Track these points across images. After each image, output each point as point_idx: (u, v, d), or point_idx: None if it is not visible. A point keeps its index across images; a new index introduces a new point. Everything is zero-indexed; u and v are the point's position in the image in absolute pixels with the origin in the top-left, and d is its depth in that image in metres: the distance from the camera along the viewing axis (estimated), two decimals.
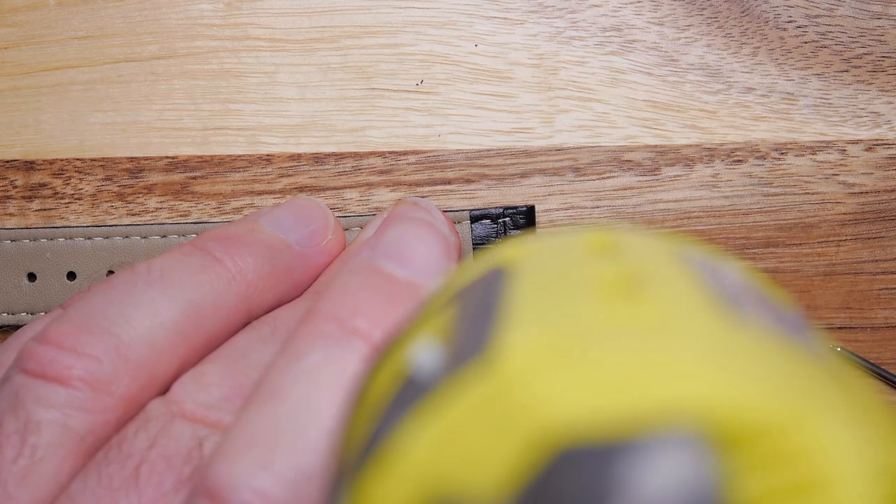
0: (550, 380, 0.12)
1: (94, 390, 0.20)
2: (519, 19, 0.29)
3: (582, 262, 0.15)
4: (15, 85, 0.30)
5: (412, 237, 0.23)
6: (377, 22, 0.29)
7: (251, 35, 0.29)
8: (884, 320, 0.29)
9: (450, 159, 0.29)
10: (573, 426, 0.11)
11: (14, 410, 0.20)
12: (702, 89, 0.29)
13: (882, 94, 0.29)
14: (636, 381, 0.11)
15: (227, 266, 0.23)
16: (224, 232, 0.24)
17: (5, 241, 0.28)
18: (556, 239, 0.16)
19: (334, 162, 0.29)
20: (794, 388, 0.12)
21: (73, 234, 0.28)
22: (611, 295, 0.13)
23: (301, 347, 0.20)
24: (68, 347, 0.20)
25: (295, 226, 0.25)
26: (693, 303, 0.13)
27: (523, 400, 0.12)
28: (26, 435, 0.19)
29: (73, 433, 0.20)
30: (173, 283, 0.22)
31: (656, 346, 0.12)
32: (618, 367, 0.12)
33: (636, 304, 0.13)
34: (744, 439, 0.11)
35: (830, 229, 0.29)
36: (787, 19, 0.29)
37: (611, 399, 0.11)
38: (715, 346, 0.12)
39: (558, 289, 0.14)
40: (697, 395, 0.11)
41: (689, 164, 0.29)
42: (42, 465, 0.19)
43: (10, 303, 0.28)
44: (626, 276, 0.14)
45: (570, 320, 0.13)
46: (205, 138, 0.29)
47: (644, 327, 0.12)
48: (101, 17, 0.30)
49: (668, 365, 0.12)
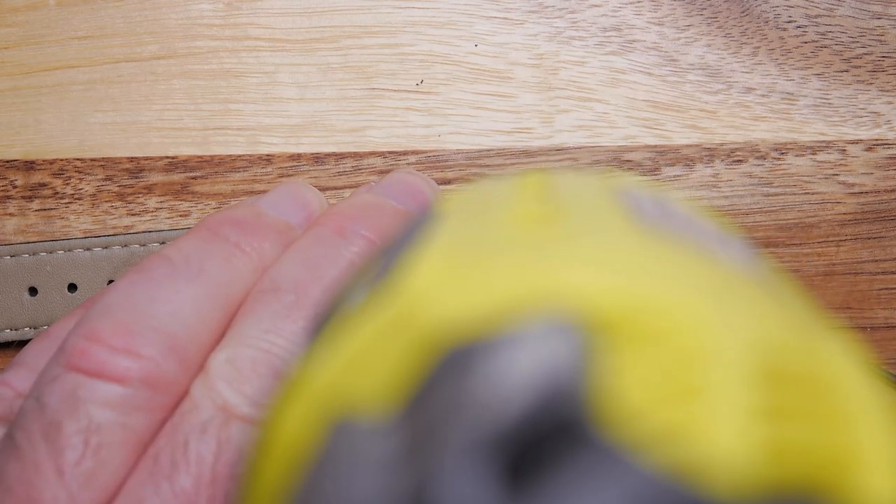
0: (443, 288, 0.12)
1: (154, 390, 0.20)
2: (519, 19, 0.29)
3: (510, 201, 0.15)
4: (15, 85, 0.30)
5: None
6: (377, 22, 0.29)
7: (251, 35, 0.29)
8: (884, 320, 0.29)
9: (450, 159, 0.29)
10: (453, 327, 0.11)
11: (74, 411, 0.19)
12: (702, 89, 0.29)
13: (882, 94, 0.29)
14: (517, 279, 0.12)
15: (249, 254, 0.23)
16: (233, 216, 0.24)
17: (5, 256, 0.28)
18: (490, 182, 0.16)
19: (334, 162, 0.29)
20: (674, 279, 0.12)
21: (73, 245, 0.28)
22: (527, 219, 0.14)
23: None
24: (122, 348, 0.20)
25: (293, 209, 0.25)
26: (605, 221, 0.13)
27: (418, 312, 0.12)
28: (89, 436, 0.19)
29: (133, 433, 0.19)
30: (210, 277, 0.22)
31: (548, 251, 0.12)
32: (504, 269, 0.12)
33: (549, 226, 0.13)
34: (617, 322, 0.11)
35: (830, 229, 0.29)
36: (787, 19, 0.29)
37: (490, 297, 0.11)
38: (606, 247, 0.12)
39: (478, 223, 0.14)
40: (572, 285, 0.11)
41: (689, 164, 0.29)
42: (104, 467, 0.19)
43: (13, 318, 0.28)
44: (549, 211, 0.14)
45: (478, 238, 0.13)
46: (205, 138, 0.29)
47: (546, 239, 0.13)
48: (101, 17, 0.30)
49: (552, 264, 0.12)
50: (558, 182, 0.16)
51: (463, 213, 0.15)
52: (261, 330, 0.21)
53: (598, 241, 0.12)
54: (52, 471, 0.19)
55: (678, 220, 0.14)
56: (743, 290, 0.12)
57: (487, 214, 0.14)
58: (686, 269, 0.12)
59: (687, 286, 0.12)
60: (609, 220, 0.13)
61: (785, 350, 0.11)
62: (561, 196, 0.15)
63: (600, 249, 0.12)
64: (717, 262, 0.13)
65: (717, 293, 0.12)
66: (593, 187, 0.15)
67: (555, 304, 0.11)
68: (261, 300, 0.22)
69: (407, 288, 0.12)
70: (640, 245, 0.12)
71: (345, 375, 0.12)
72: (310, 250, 0.23)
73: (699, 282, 0.12)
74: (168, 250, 0.22)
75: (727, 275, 0.12)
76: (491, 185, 0.16)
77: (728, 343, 0.11)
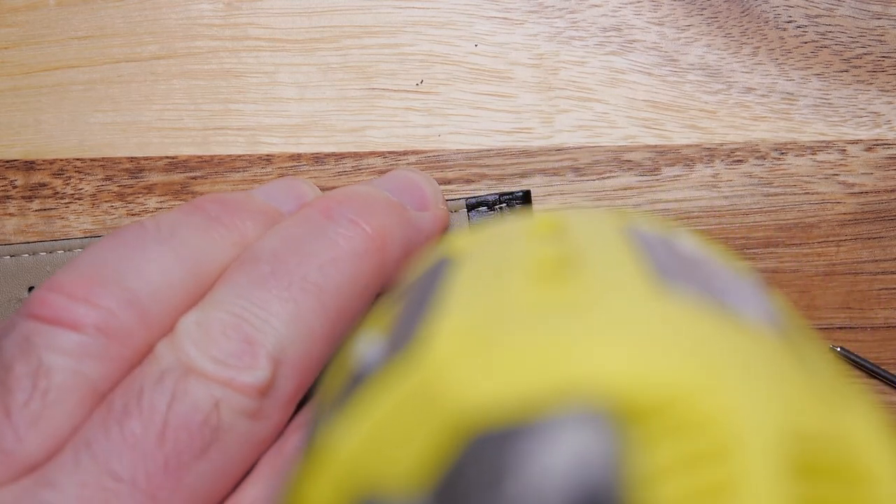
0: (466, 367, 0.12)
1: (108, 338, 0.20)
2: (519, 19, 0.29)
3: (523, 246, 0.15)
4: (15, 85, 0.30)
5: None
6: (377, 22, 0.29)
7: (251, 35, 0.29)
8: (884, 320, 0.29)
9: (450, 159, 0.29)
10: (482, 412, 0.11)
11: (25, 354, 0.19)
12: (702, 89, 0.29)
13: (882, 94, 0.29)
14: (546, 362, 0.11)
15: (229, 227, 0.23)
16: (221, 196, 0.24)
17: (5, 256, 0.28)
18: (503, 226, 0.16)
19: (334, 162, 0.29)
20: (702, 357, 0.11)
21: (73, 245, 0.28)
22: (542, 277, 0.13)
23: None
24: (81, 298, 0.20)
25: (287, 198, 0.25)
26: (621, 279, 0.13)
27: (441, 389, 0.12)
28: (38, 379, 0.19)
29: (86, 379, 0.20)
30: (182, 241, 0.22)
31: (571, 326, 0.12)
32: (530, 349, 0.12)
33: (564, 285, 0.13)
34: (648, 412, 0.11)
35: (830, 229, 0.29)
36: (787, 19, 0.29)
37: (520, 381, 0.11)
38: (629, 321, 0.12)
39: (494, 274, 0.14)
40: (603, 372, 0.11)
41: (689, 164, 0.29)
42: (53, 410, 0.19)
43: None
44: (563, 257, 0.14)
45: (496, 305, 0.13)
46: (205, 138, 0.29)
47: (565, 307, 0.12)
48: (101, 17, 0.30)
49: (578, 344, 0.12)
50: (570, 222, 0.16)
51: (477, 260, 0.15)
52: (234, 295, 0.21)
53: (620, 312, 0.12)
54: (0, 410, 0.19)
55: (689, 266, 0.14)
56: (768, 357, 0.12)
57: (502, 262, 0.14)
58: (711, 340, 0.12)
59: (714, 365, 0.11)
60: (625, 275, 0.13)
61: (816, 437, 0.11)
62: (574, 240, 0.15)
63: (623, 324, 0.12)
64: (739, 321, 0.13)
65: (744, 367, 0.11)
66: (605, 228, 0.15)
67: (585, 392, 0.11)
68: (238, 269, 0.22)
69: (427, 358, 0.12)
70: (662, 313, 0.12)
71: (368, 449, 0.12)
72: (294, 228, 0.23)
73: (725, 356, 0.12)
74: (145, 219, 0.23)
75: (751, 338, 0.12)
76: (505, 226, 0.16)
77: (759, 433, 0.11)
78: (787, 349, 0.13)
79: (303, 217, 0.23)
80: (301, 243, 0.22)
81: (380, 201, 0.24)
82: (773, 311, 0.14)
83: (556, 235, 0.15)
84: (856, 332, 0.29)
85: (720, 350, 0.12)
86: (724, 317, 0.13)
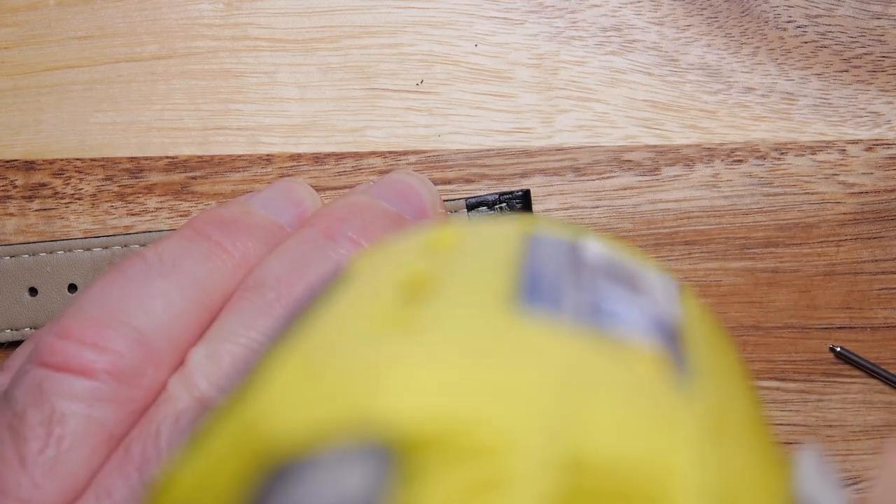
0: (291, 396, 0.12)
1: (120, 382, 0.20)
2: (519, 19, 0.29)
3: (405, 263, 0.15)
4: (15, 85, 0.30)
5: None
6: (377, 22, 0.29)
7: (251, 35, 0.29)
8: (884, 320, 0.29)
9: (450, 159, 0.29)
10: (281, 443, 0.11)
11: (38, 402, 0.20)
12: (702, 89, 0.29)
13: (882, 94, 0.29)
14: (349, 393, 0.11)
15: (231, 252, 0.23)
16: (220, 215, 0.24)
17: (5, 257, 0.28)
18: (400, 242, 0.16)
19: (334, 162, 0.29)
20: (499, 385, 0.11)
21: (72, 246, 0.28)
22: (405, 298, 0.13)
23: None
24: (90, 342, 0.20)
25: (284, 207, 0.25)
26: (473, 302, 0.13)
27: (260, 419, 0.12)
28: (52, 426, 0.19)
29: (101, 424, 0.20)
30: (185, 273, 0.22)
31: (393, 353, 0.12)
32: (344, 378, 0.11)
33: (417, 307, 0.13)
34: (427, 444, 0.11)
35: (830, 229, 0.29)
36: (787, 19, 0.29)
37: (318, 413, 0.11)
38: (448, 348, 0.12)
39: (372, 293, 0.14)
40: (391, 404, 0.11)
41: (689, 164, 0.29)
42: (69, 456, 0.19)
43: (13, 318, 0.29)
44: (431, 276, 0.14)
45: (349, 328, 0.13)
46: (205, 138, 0.29)
47: (402, 332, 0.12)
48: (101, 17, 0.30)
49: (387, 373, 0.11)
50: (465, 236, 0.15)
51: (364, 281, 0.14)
52: (242, 326, 0.21)
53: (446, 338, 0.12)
54: (16, 459, 0.19)
55: (581, 277, 0.14)
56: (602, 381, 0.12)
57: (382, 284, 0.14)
58: (523, 367, 0.12)
59: (509, 394, 0.11)
60: (479, 298, 0.13)
61: (608, 466, 0.11)
62: (452, 257, 0.14)
63: (440, 352, 0.12)
64: (595, 342, 0.12)
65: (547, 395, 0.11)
66: (497, 242, 0.15)
67: (368, 425, 0.11)
68: (244, 297, 0.22)
69: (267, 386, 0.12)
70: (491, 339, 0.12)
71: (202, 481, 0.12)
72: (296, 250, 0.23)
73: (531, 384, 0.11)
74: (146, 249, 0.23)
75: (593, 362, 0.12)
76: (402, 243, 0.16)
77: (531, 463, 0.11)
78: (648, 369, 0.12)
79: (304, 238, 0.23)
80: (304, 266, 0.22)
81: (379, 215, 0.24)
82: (668, 323, 0.14)
83: (437, 251, 0.15)
84: (856, 332, 0.29)
85: (529, 377, 0.12)
86: (574, 338, 0.12)
